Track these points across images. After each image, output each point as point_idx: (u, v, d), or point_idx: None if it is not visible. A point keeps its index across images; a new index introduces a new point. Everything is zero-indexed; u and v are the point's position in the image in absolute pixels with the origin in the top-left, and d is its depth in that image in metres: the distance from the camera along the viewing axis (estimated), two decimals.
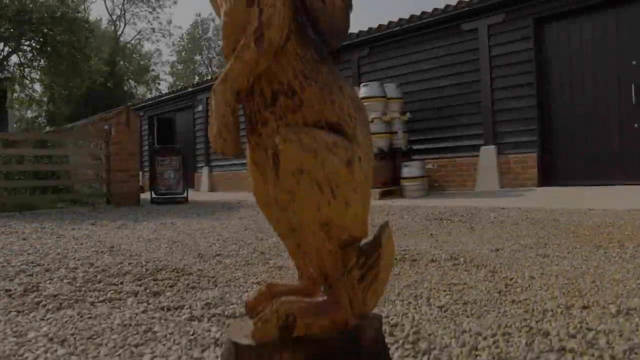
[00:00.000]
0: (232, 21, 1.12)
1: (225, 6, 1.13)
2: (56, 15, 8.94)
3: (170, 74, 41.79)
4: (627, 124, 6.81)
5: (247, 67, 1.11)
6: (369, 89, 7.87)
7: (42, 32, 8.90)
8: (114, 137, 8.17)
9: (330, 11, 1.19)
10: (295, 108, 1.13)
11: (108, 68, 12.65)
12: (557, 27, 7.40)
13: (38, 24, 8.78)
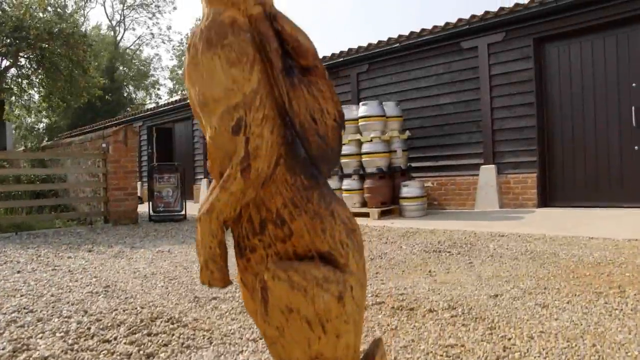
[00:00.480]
0: (217, 147, 1.08)
1: (210, 131, 1.09)
2: (53, 31, 8.91)
3: (170, 78, 41.68)
4: (627, 146, 6.77)
5: (233, 198, 1.08)
6: (368, 108, 7.84)
7: (39, 47, 8.86)
8: (111, 156, 8.12)
9: (322, 131, 1.15)
10: (285, 238, 1.09)
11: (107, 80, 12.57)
12: (557, 47, 7.36)
13: (35, 41, 8.75)
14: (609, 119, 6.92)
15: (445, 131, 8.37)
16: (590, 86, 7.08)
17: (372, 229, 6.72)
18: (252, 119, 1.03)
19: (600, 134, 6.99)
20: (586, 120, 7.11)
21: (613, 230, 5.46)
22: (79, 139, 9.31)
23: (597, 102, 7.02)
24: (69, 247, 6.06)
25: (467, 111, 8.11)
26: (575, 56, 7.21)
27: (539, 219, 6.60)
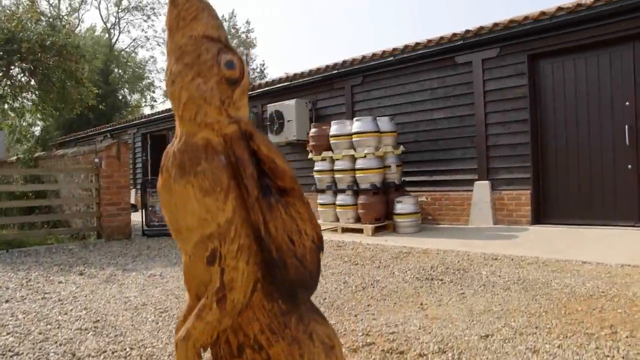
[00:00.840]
0: (192, 275, 1.06)
1: (184, 257, 1.06)
2: (46, 43, 8.84)
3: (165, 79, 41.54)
4: (621, 165, 6.77)
5: (209, 327, 1.05)
6: (362, 124, 7.82)
7: (31, 60, 8.79)
8: (104, 171, 8.08)
9: (300, 253, 1.12)
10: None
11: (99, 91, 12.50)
12: (551, 64, 7.35)
13: (27, 54, 8.68)
14: (603, 137, 6.92)
15: (440, 146, 8.36)
16: (584, 104, 7.08)
17: (365, 247, 6.70)
18: (227, 250, 1.00)
19: (594, 152, 6.99)
20: (580, 138, 7.11)
21: (606, 254, 5.45)
22: (71, 152, 9.25)
23: (591, 120, 7.02)
24: (61, 269, 6.01)
25: (462, 126, 8.10)
26: (569, 73, 7.20)
27: (532, 238, 6.59)
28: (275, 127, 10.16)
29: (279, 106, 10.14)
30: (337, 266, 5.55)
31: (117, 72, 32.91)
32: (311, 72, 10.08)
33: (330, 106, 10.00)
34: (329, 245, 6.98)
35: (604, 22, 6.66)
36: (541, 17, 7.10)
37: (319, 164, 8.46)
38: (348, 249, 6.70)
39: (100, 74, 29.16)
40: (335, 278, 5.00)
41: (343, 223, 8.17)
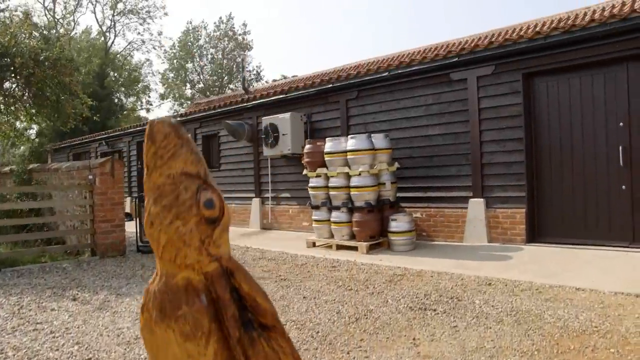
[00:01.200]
0: None
1: None
2: (39, 58, 8.79)
3: (161, 82, 41.47)
4: (615, 186, 6.78)
5: None
6: (356, 142, 7.80)
7: (25, 76, 8.75)
8: (98, 188, 8.05)
9: None
10: None
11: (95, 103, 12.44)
12: (546, 83, 7.36)
13: (21, 69, 8.64)
14: (597, 157, 6.93)
15: (434, 162, 8.35)
16: (579, 123, 7.08)
17: (359, 268, 6.69)
18: None
19: (588, 172, 7.00)
20: (574, 157, 7.11)
21: (599, 279, 5.46)
22: (65, 167, 9.21)
23: (585, 140, 7.02)
24: (54, 292, 5.98)
25: (456, 143, 8.09)
26: (564, 93, 7.20)
27: (526, 260, 6.59)
28: (270, 140, 10.14)
29: (274, 119, 10.12)
30: (331, 292, 5.53)
31: (113, 75, 32.81)
32: (306, 85, 10.05)
33: (325, 120, 9.98)
34: (323, 266, 6.97)
35: (598, 43, 6.66)
36: (536, 36, 7.10)
37: (314, 180, 8.45)
38: (342, 269, 6.69)
39: (95, 78, 29.06)
40: (328, 307, 4.99)
41: (338, 240, 8.16)
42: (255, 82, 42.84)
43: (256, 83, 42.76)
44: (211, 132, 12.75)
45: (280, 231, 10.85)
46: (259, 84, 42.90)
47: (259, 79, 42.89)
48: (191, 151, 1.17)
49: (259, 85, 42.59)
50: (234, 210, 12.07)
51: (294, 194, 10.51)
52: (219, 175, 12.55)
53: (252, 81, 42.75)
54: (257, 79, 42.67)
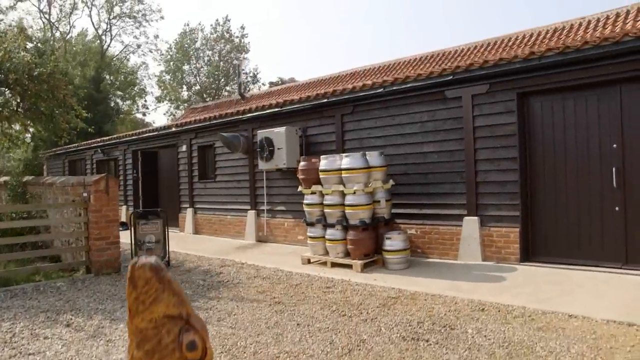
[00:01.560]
0: None
1: None
2: (33, 74, 8.76)
3: (157, 83, 41.38)
4: (608, 207, 6.81)
5: None
6: (351, 160, 7.81)
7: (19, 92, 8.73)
8: (92, 205, 8.04)
9: None
10: None
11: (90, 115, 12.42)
12: (541, 103, 7.38)
13: (15, 85, 8.62)
14: (591, 178, 6.95)
15: (429, 180, 8.37)
16: (573, 144, 7.11)
17: (353, 289, 6.69)
18: None
19: (582, 193, 7.03)
20: (568, 178, 7.14)
21: (592, 305, 5.47)
22: (60, 182, 9.19)
23: (580, 160, 7.05)
24: (47, 317, 5.96)
25: (451, 161, 8.11)
26: (558, 113, 7.23)
27: (520, 282, 6.60)
28: (265, 154, 10.14)
29: (269, 133, 10.12)
30: (325, 318, 5.54)
31: (109, 78, 32.75)
32: (301, 99, 10.06)
33: (321, 134, 9.99)
34: (318, 286, 6.97)
35: (592, 65, 6.68)
36: (530, 56, 7.11)
37: (309, 197, 8.46)
38: (337, 290, 6.70)
39: (91, 81, 29.00)
40: (322, 336, 4.99)
41: (332, 257, 8.17)
42: (252, 85, 42.86)
43: (253, 85, 42.78)
44: (207, 143, 12.74)
45: (275, 244, 10.85)
46: (255, 86, 42.93)
47: (255, 81, 42.89)
48: (173, 293, 1.18)
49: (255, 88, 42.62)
50: (230, 221, 12.08)
51: (289, 207, 10.52)
52: (214, 186, 12.55)
53: (248, 83, 42.74)
54: (254, 81, 42.67)
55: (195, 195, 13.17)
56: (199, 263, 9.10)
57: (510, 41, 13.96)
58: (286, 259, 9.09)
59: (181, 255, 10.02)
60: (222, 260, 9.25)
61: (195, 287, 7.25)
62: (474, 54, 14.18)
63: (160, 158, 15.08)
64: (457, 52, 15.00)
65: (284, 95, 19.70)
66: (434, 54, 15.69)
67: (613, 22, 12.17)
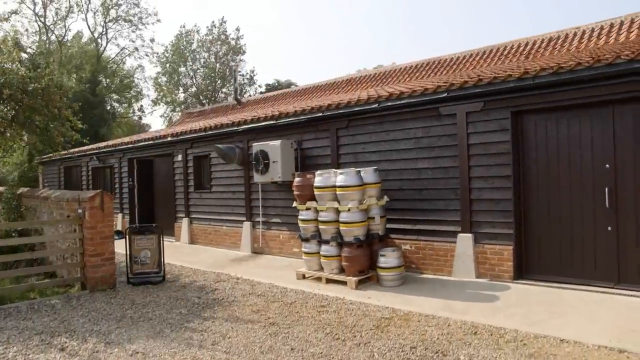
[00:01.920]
0: None
1: None
2: (28, 89, 8.74)
3: (153, 85, 41.31)
4: (601, 226, 6.85)
5: None
6: (346, 178, 7.83)
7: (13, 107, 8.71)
8: (87, 222, 8.04)
9: None
10: None
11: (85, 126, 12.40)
12: (535, 122, 7.42)
13: (9, 100, 8.60)
14: (584, 197, 6.99)
15: (424, 196, 8.40)
16: (566, 163, 7.15)
17: (348, 309, 6.71)
18: None
19: (575, 212, 7.07)
20: (562, 197, 7.18)
21: (584, 328, 5.51)
22: (55, 196, 9.19)
23: (573, 180, 7.09)
24: (42, 340, 5.96)
25: (446, 178, 8.14)
26: (552, 132, 7.27)
27: (513, 302, 6.63)
28: (260, 167, 10.15)
29: (264, 146, 10.13)
30: (319, 342, 5.55)
31: (105, 82, 32.65)
32: (297, 112, 10.07)
33: (316, 147, 10.01)
34: (312, 305, 6.99)
35: (585, 85, 6.71)
36: (524, 76, 7.14)
37: (304, 213, 8.48)
38: (331, 310, 6.71)
39: (87, 85, 28.91)
40: None
41: (327, 273, 8.20)
42: (249, 87, 42.85)
43: (249, 88, 42.78)
44: (202, 153, 12.75)
45: (270, 256, 10.87)
46: (252, 88, 42.93)
47: (252, 83, 42.88)
48: None
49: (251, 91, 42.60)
50: (225, 232, 12.09)
51: (284, 220, 10.54)
52: (210, 196, 12.57)
53: (245, 85, 42.74)
54: (251, 84, 42.66)
55: (191, 205, 13.18)
56: (195, 277, 9.11)
57: (506, 50, 14.03)
58: (281, 274, 9.11)
59: (176, 268, 10.03)
60: (218, 275, 9.26)
61: (190, 305, 7.26)
62: (470, 63, 14.25)
63: (156, 166, 15.08)
64: (453, 60, 15.05)
65: (280, 101, 19.73)
66: (429, 61, 15.74)
67: (607, 32, 12.24)
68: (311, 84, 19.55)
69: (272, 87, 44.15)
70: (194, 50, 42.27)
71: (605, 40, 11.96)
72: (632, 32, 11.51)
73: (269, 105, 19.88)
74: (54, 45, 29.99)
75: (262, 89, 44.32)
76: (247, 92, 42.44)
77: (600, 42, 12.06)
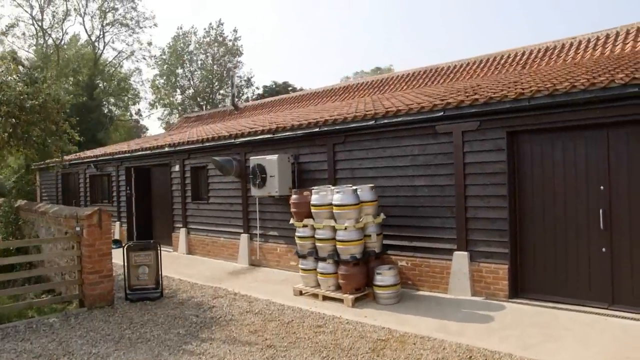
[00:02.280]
0: None
1: None
2: (26, 105, 8.75)
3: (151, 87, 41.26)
4: (595, 248, 6.91)
5: None
6: (342, 197, 7.88)
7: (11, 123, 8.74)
8: (85, 240, 8.08)
9: None
10: None
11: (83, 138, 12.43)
12: (530, 143, 7.47)
13: (7, 117, 8.62)
14: (579, 218, 7.06)
15: (420, 213, 8.45)
16: (561, 184, 7.20)
17: (344, 329, 6.75)
18: None
19: (570, 233, 7.13)
20: (557, 217, 7.24)
21: (579, 353, 5.56)
22: (52, 211, 9.22)
23: (568, 201, 7.15)
24: None
25: (442, 196, 8.20)
26: (547, 153, 7.32)
27: (508, 323, 6.69)
28: (257, 181, 10.19)
29: (261, 160, 10.17)
30: None
31: (102, 85, 32.62)
32: (293, 126, 10.11)
33: (313, 162, 10.05)
34: (309, 325, 7.03)
35: (580, 108, 6.77)
36: (520, 97, 7.19)
37: (301, 230, 8.53)
38: (327, 331, 6.76)
39: (84, 89, 28.90)
40: None
41: (324, 290, 8.25)
42: (246, 89, 42.85)
43: (247, 89, 42.77)
44: (200, 164, 12.79)
45: (268, 269, 10.91)
46: (249, 90, 42.92)
47: (249, 85, 42.88)
48: None
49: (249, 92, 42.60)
50: (223, 243, 12.14)
51: (281, 233, 10.58)
52: (207, 207, 12.60)
53: (242, 87, 42.75)
54: (248, 85, 42.65)
55: (188, 215, 13.22)
56: (192, 293, 9.15)
57: (503, 59, 14.10)
58: (279, 289, 9.16)
59: (174, 282, 10.07)
60: (215, 290, 9.31)
61: (188, 325, 7.30)
62: (467, 72, 14.31)
63: (153, 175, 15.10)
64: (450, 68, 15.11)
65: (277, 107, 19.76)
66: (427, 70, 15.80)
67: (603, 43, 12.31)
68: (308, 90, 19.63)
69: (269, 89, 44.21)
70: (191, 52, 42.25)
71: (601, 51, 12.03)
72: (627, 44, 11.58)
73: (266, 111, 19.92)
74: (52, 49, 30.00)
75: (259, 91, 44.36)
76: (244, 94, 42.49)
77: (596, 53, 12.13)
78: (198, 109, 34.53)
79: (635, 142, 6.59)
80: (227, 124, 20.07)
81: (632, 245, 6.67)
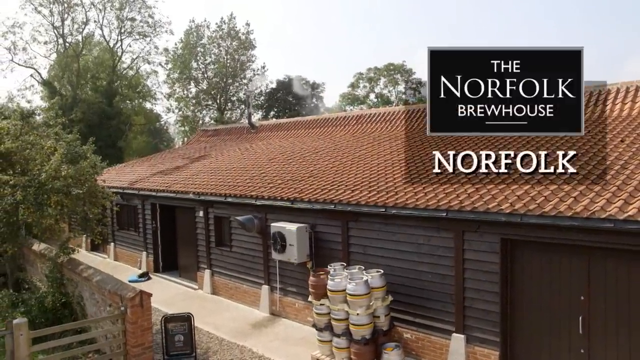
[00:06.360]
0: None
1: None
2: (72, 192, 9.74)
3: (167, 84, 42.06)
4: (575, 348, 7.99)
5: None
6: (355, 287, 8.95)
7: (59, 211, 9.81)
8: (129, 318, 9.25)
9: None
10: None
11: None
12: (522, 250, 8.47)
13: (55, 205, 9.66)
14: (562, 322, 8.11)
15: (423, 295, 9.52)
16: (548, 290, 8.24)
17: None
18: None
19: (553, 333, 8.19)
20: (542, 318, 8.29)
21: None
22: (96, 280, 10.34)
23: (553, 306, 8.19)
24: None
25: (443, 283, 9.24)
26: (537, 262, 8.35)
27: None
28: (278, 247, 11.30)
29: (282, 229, 11.24)
30: None
31: (122, 91, 33.51)
32: (310, 200, 11.09)
33: (328, 233, 11.09)
34: None
35: (565, 230, 7.72)
36: (513, 212, 8.11)
37: (318, 307, 9.65)
38: None
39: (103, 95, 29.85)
40: None
41: None
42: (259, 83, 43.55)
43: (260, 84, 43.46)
44: (223, 215, 13.86)
45: (287, 321, 12.07)
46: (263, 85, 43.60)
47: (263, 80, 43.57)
48: None
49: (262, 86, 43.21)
50: (245, 290, 13.32)
51: (300, 290, 11.71)
52: (230, 255, 13.75)
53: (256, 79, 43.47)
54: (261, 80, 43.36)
55: (212, 259, 14.38)
56: (221, 355, 10.35)
57: None
58: (298, 352, 10.34)
59: (204, 336, 11.28)
60: (241, 351, 10.50)
61: None
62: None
63: (178, 215, 16.21)
64: None
65: (292, 131, 20.68)
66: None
67: (595, 101, 12.99)
68: (323, 116, 20.53)
69: (282, 83, 44.95)
70: (204, 45, 42.84)
71: (592, 110, 12.62)
72: (616, 104, 12.25)
73: (282, 134, 20.88)
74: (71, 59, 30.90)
75: (273, 85, 45.09)
76: (258, 88, 43.28)
77: (587, 110, 12.73)
78: (215, 125, 35.06)
79: (612, 262, 7.58)
80: (241, 146, 21.08)
81: (606, 348, 7.73)
